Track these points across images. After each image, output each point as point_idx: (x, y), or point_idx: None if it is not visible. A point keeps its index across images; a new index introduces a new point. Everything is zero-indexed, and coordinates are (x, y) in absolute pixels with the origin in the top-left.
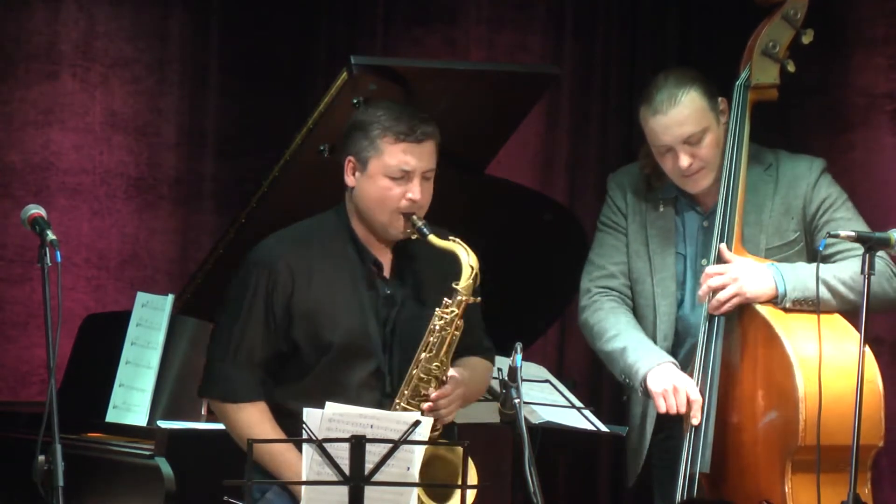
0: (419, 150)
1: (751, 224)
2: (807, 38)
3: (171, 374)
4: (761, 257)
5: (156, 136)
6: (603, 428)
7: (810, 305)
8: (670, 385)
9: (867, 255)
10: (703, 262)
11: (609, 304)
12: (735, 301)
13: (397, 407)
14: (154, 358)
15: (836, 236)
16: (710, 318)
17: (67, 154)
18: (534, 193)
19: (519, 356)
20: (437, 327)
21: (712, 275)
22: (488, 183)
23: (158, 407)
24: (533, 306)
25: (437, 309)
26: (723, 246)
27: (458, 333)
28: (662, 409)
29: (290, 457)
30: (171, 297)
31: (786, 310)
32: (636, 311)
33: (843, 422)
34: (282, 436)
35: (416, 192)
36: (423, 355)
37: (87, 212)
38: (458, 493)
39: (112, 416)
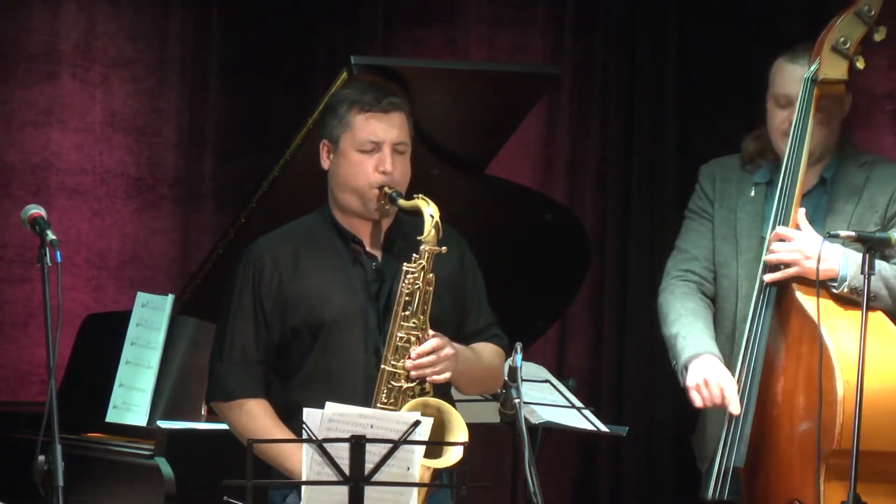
0: (387, 120)
1: (836, 212)
2: (879, 36)
3: (171, 374)
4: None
5: (156, 136)
6: (603, 428)
7: (862, 298)
8: (701, 379)
9: (867, 255)
10: (763, 236)
11: (681, 288)
12: (791, 272)
13: (384, 371)
14: (154, 358)
15: (837, 236)
16: (756, 312)
17: (67, 154)
18: (534, 193)
19: (519, 356)
20: (408, 281)
21: (782, 239)
22: (488, 183)
23: (158, 407)
24: (533, 306)
25: (404, 264)
26: (802, 212)
27: (430, 289)
28: (698, 404)
29: (291, 449)
30: (171, 297)
31: (837, 301)
32: (719, 294)
33: (879, 426)
34: (283, 430)
35: (388, 164)
36: (399, 314)
37: (87, 212)
38: (448, 450)
39: (112, 416)
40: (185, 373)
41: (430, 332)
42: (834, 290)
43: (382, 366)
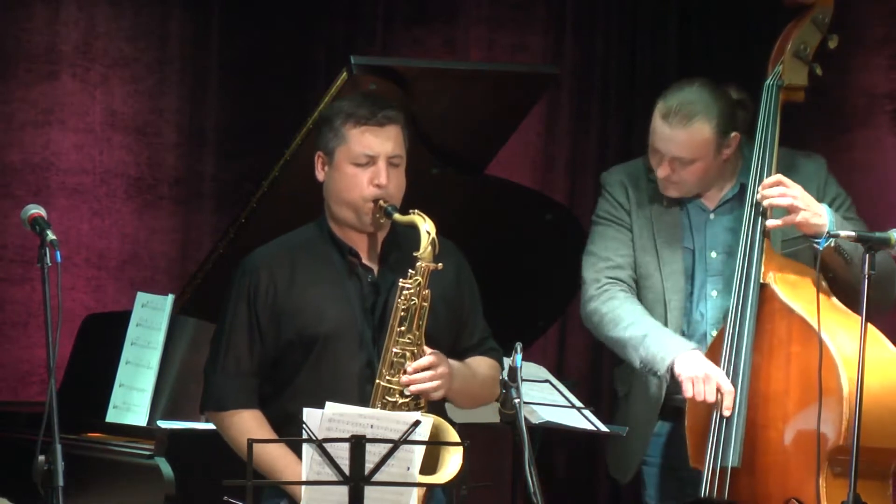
0: (382, 134)
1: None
2: (832, 43)
3: (171, 374)
4: (778, 251)
5: (156, 136)
6: (603, 428)
7: (843, 259)
8: (702, 372)
9: (867, 255)
10: (713, 254)
11: (622, 293)
12: (790, 218)
13: (379, 386)
14: (154, 358)
15: (837, 236)
16: (739, 311)
17: (67, 154)
18: (534, 193)
19: (519, 356)
20: (404, 297)
21: (782, 187)
22: (488, 183)
23: (158, 407)
24: (533, 306)
25: (400, 280)
26: (779, 176)
27: (426, 305)
28: (689, 394)
29: (289, 460)
30: (171, 298)
31: (825, 301)
32: (644, 306)
33: (882, 423)
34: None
35: (383, 177)
36: (395, 329)
37: (87, 212)
38: (443, 465)
39: (112, 416)
40: (185, 373)
41: (427, 348)
42: (817, 246)
43: (378, 381)
